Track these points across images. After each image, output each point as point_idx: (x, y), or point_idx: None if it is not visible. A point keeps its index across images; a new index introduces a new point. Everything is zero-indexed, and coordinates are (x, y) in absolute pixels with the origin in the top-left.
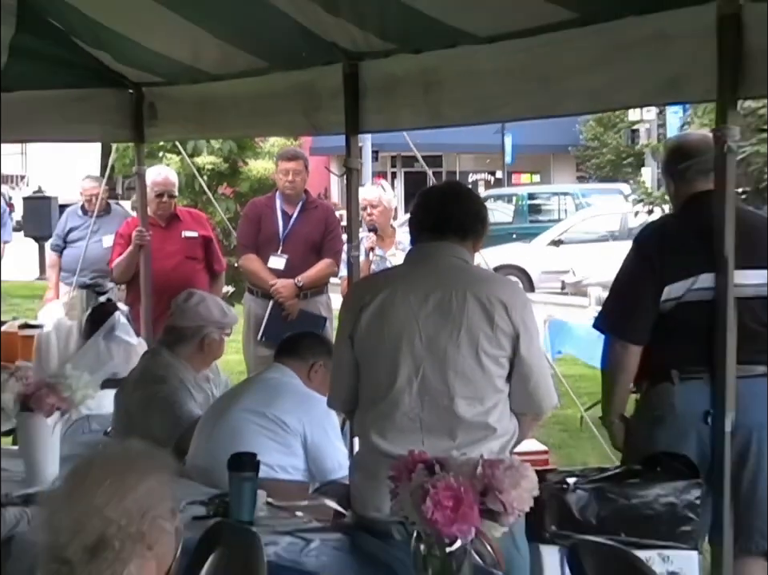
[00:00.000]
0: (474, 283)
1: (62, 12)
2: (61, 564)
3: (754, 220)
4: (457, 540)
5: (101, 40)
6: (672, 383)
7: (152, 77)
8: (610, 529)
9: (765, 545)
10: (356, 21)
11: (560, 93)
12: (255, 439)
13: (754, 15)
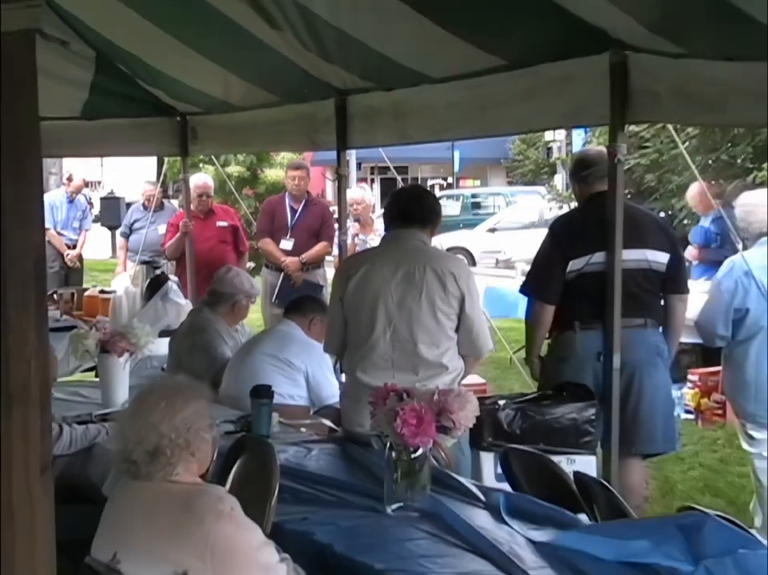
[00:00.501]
0: (431, 259)
1: (128, 60)
2: (129, 464)
3: (636, 213)
4: (420, 448)
5: (157, 81)
6: (575, 332)
7: (194, 108)
8: (530, 439)
9: (641, 449)
10: (344, 66)
11: (495, 119)
12: (270, 375)
13: (636, 63)
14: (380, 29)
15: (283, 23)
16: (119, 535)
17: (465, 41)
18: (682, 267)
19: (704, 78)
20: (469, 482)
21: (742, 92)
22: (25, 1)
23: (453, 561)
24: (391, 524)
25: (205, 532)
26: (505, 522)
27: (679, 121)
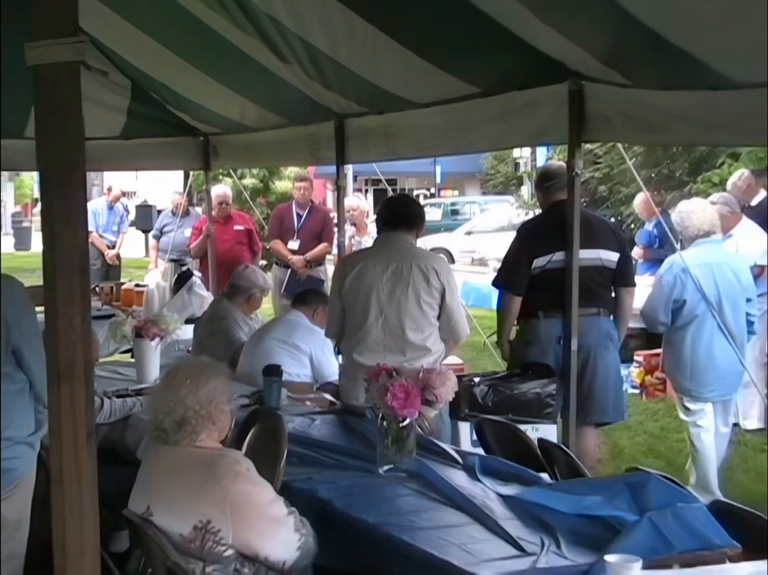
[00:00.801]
0: (417, 257)
1: (158, 88)
2: (160, 432)
3: (591, 219)
4: (407, 418)
5: (183, 106)
6: (539, 319)
7: (215, 129)
8: (501, 411)
9: (594, 418)
10: (343, 94)
11: (470, 138)
12: (280, 356)
13: (590, 91)
14: (373, 62)
15: (290, 57)
16: (151, 491)
17: (446, 72)
18: (630, 265)
19: (647, 104)
20: (449, 447)
21: (679, 116)
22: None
23: (435, 514)
24: (382, 483)
25: (225, 489)
26: (479, 480)
27: (627, 141)
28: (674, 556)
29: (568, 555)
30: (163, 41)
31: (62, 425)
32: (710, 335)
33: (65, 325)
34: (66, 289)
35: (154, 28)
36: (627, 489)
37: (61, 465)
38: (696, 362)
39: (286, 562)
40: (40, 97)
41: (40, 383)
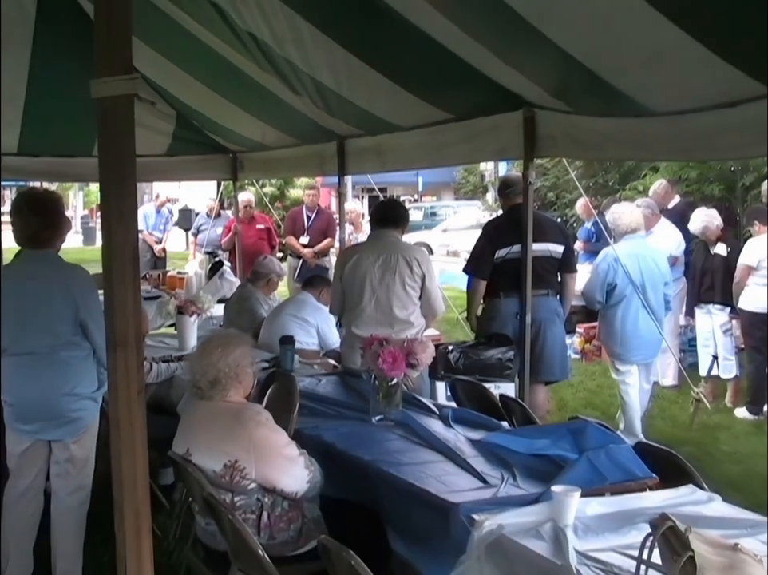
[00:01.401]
0: (402, 249)
1: (197, 116)
2: (197, 389)
3: (542, 218)
4: (394, 378)
5: (216, 130)
6: (500, 299)
7: (241, 148)
8: (470, 372)
9: (544, 378)
10: (343, 119)
11: (446, 154)
12: (293, 329)
13: (541, 117)
14: (368, 95)
15: (301, 90)
16: (190, 436)
17: (426, 102)
18: (573, 255)
19: (586, 128)
20: (428, 401)
21: (611, 137)
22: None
23: (416, 454)
24: (375, 430)
25: (249, 434)
26: (452, 427)
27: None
28: (606, 486)
29: (523, 486)
30: (200, 78)
31: (118, 383)
32: (635, 311)
33: (120, 303)
34: (120, 274)
35: (194, 68)
36: (569, 434)
37: (117, 415)
38: (624, 332)
39: (298, 493)
40: (102, 124)
41: (101, 350)
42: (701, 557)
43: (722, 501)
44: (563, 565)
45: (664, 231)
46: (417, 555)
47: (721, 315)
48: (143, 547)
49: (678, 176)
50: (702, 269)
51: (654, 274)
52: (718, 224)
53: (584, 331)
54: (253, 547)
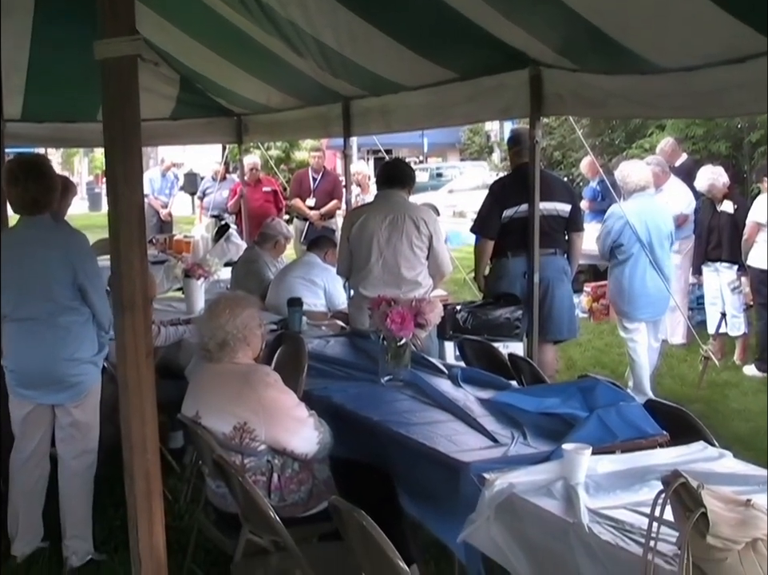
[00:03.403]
0: (409, 210)
1: (201, 80)
2: (206, 352)
3: (549, 177)
4: (403, 338)
5: (221, 92)
6: (508, 259)
7: (246, 110)
8: (478, 332)
9: (552, 337)
10: (348, 80)
11: (451, 114)
12: (300, 290)
13: (547, 75)
14: (371, 55)
15: (305, 52)
16: (200, 399)
17: (431, 61)
18: (580, 214)
19: (592, 86)
20: (437, 361)
21: (617, 95)
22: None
23: (425, 414)
24: (384, 390)
25: (258, 395)
26: (461, 387)
27: (576, 115)
28: (616, 443)
29: (533, 444)
30: (204, 42)
31: (126, 346)
32: (643, 269)
33: (127, 266)
34: (127, 238)
35: (197, 31)
36: (579, 392)
37: (126, 378)
38: (632, 290)
39: (308, 454)
40: (105, 85)
41: (100, 314)
42: (713, 514)
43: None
44: (575, 523)
45: (674, 189)
46: (426, 514)
47: (728, 273)
48: (154, 510)
49: (685, 133)
50: (709, 227)
51: (661, 232)
52: (724, 182)
53: (592, 290)
54: (264, 509)
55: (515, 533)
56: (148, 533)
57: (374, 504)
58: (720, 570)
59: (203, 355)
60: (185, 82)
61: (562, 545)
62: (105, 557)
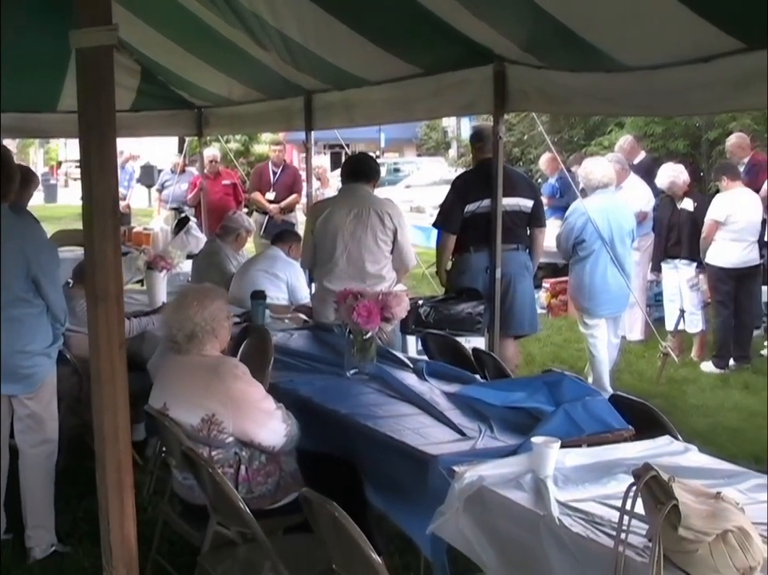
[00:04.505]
0: (374, 203)
1: (162, 71)
2: (174, 343)
3: (512, 173)
4: (369, 331)
5: (182, 85)
6: (470, 253)
7: (207, 103)
8: (440, 327)
9: (513, 332)
10: (311, 74)
11: (413, 110)
12: (264, 283)
13: (511, 71)
14: (335, 48)
15: (268, 45)
16: (167, 391)
17: (394, 56)
18: (542, 209)
19: (556, 83)
20: (401, 355)
21: (581, 92)
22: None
23: (392, 407)
24: (350, 383)
25: (227, 387)
26: (426, 380)
27: (540, 111)
28: (583, 437)
29: (501, 438)
30: (167, 34)
31: (99, 337)
32: (604, 266)
33: (101, 256)
34: (101, 227)
35: (160, 23)
36: (545, 386)
37: (99, 369)
38: (593, 286)
39: (275, 447)
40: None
41: (55, 306)
42: (685, 506)
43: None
44: (545, 515)
45: (634, 187)
46: (393, 507)
47: (687, 270)
48: (125, 500)
49: (644, 131)
50: (669, 224)
51: (623, 228)
52: (684, 179)
53: (551, 285)
54: (233, 500)
55: (484, 525)
56: (119, 523)
57: (340, 496)
58: (691, 562)
59: (171, 347)
60: (147, 74)
61: (532, 536)
62: (69, 548)
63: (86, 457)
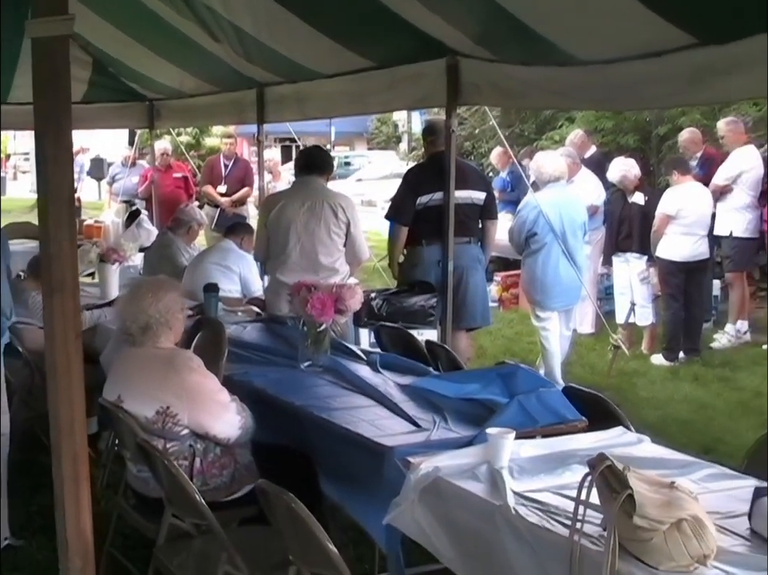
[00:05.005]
0: (327, 196)
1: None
2: (128, 336)
3: (464, 166)
4: (323, 324)
5: (133, 77)
6: (422, 246)
7: (159, 95)
8: (393, 319)
9: (466, 324)
10: (263, 66)
11: (366, 103)
12: (216, 276)
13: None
14: (288, 41)
15: (221, 37)
16: (122, 383)
17: (347, 49)
18: (494, 202)
19: (509, 76)
20: (355, 347)
21: (534, 86)
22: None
23: (346, 399)
24: (304, 375)
25: (181, 380)
26: (380, 372)
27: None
28: (537, 428)
29: (455, 429)
30: (118, 25)
31: (55, 329)
32: (556, 259)
33: (56, 247)
34: (56, 218)
35: (111, 14)
36: (499, 378)
37: (54, 360)
38: (545, 279)
39: (230, 438)
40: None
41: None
42: (639, 495)
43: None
44: (501, 505)
45: (585, 181)
46: (349, 498)
47: (638, 264)
48: (81, 493)
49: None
50: (620, 218)
51: (574, 222)
52: (636, 174)
53: (502, 279)
54: (189, 491)
55: (440, 515)
56: (75, 516)
57: (294, 487)
58: (645, 550)
59: (126, 340)
60: (97, 65)
61: (488, 526)
62: (23, 542)
63: (39, 450)
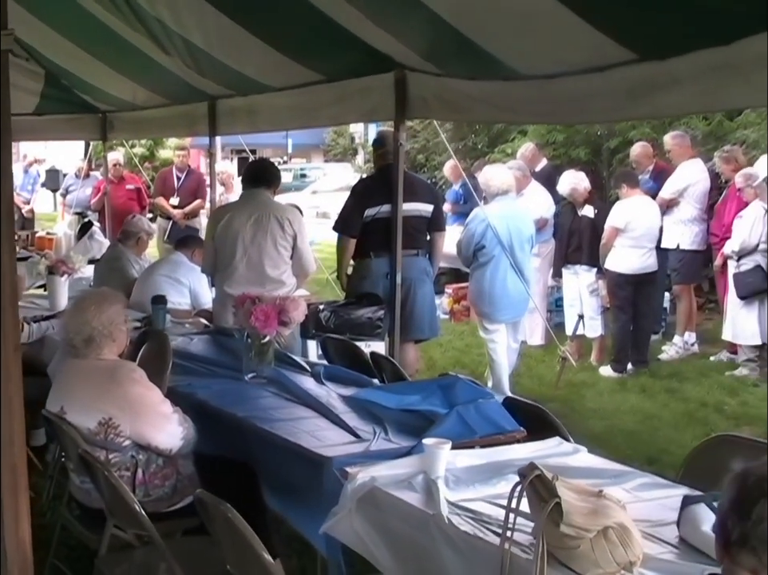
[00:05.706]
0: (274, 209)
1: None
2: (71, 347)
3: (412, 179)
4: (267, 336)
5: (86, 89)
6: (371, 259)
7: (112, 107)
8: (341, 331)
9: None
10: (215, 79)
11: (316, 116)
12: (165, 288)
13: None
14: (239, 55)
15: (172, 50)
16: (65, 394)
17: (297, 62)
18: (442, 214)
19: (456, 91)
20: (300, 359)
21: (480, 100)
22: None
23: (289, 410)
24: (248, 387)
25: (124, 391)
26: (324, 384)
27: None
28: (475, 439)
29: (395, 440)
30: (71, 37)
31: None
32: (504, 272)
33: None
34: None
35: (63, 27)
36: (439, 389)
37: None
38: (493, 292)
39: (172, 449)
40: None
41: None
42: (567, 503)
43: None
44: (435, 515)
45: (535, 194)
46: (290, 509)
47: (587, 276)
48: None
49: (546, 139)
50: (570, 230)
51: (522, 235)
52: (585, 186)
53: (453, 291)
54: (129, 502)
55: (377, 524)
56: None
57: (237, 499)
58: (573, 557)
59: (69, 351)
60: (50, 78)
61: (423, 535)
62: None
63: None
